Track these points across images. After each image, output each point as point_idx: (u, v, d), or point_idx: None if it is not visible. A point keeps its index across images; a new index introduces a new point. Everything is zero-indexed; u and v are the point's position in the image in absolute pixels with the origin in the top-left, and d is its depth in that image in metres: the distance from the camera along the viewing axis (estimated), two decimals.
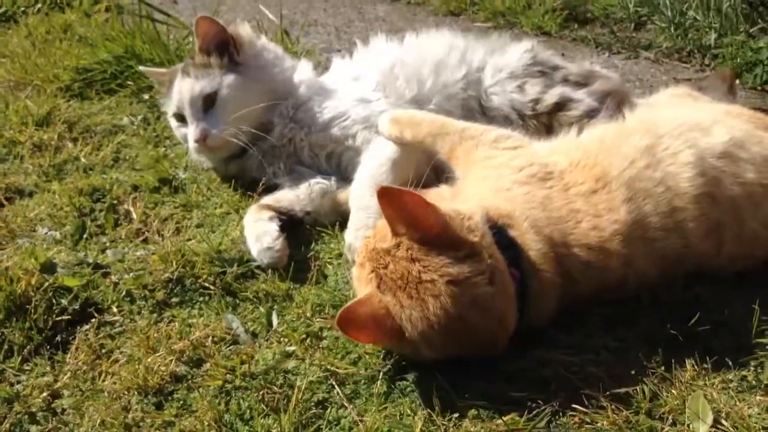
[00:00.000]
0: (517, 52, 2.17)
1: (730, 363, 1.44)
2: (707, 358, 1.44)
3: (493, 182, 1.59)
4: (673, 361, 1.43)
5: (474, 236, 1.38)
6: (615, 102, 2.07)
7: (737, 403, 1.35)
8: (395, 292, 1.34)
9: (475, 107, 2.12)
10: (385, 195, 1.35)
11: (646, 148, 1.60)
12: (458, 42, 2.21)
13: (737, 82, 2.83)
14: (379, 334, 1.38)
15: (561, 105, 2.06)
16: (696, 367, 1.42)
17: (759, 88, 2.86)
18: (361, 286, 1.44)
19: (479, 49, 2.18)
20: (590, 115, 2.04)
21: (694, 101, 2.06)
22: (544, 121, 2.06)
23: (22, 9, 4.20)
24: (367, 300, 1.37)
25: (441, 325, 1.33)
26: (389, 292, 1.35)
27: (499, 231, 1.44)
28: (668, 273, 1.57)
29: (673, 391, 1.37)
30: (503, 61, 2.15)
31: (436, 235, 1.35)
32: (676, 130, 1.64)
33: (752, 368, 1.43)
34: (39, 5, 4.21)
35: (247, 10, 4.08)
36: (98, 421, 1.41)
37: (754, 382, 1.41)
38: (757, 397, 1.37)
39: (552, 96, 2.07)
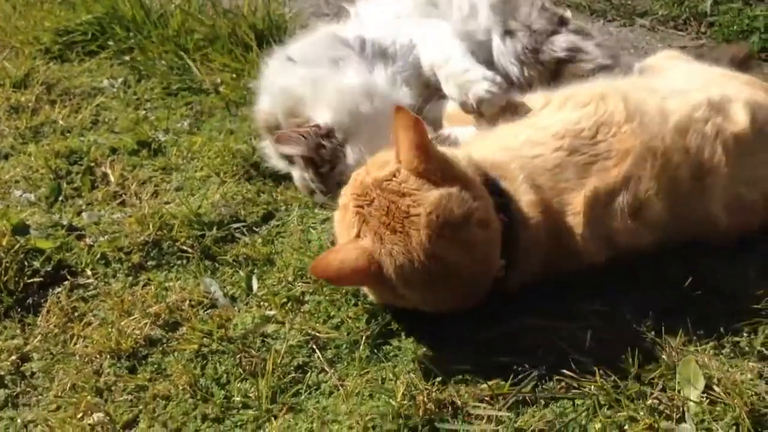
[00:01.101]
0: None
1: (723, 329, 1.40)
2: (700, 324, 1.40)
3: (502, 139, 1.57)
4: (664, 326, 1.38)
5: (467, 175, 1.35)
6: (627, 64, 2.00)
7: (729, 369, 1.31)
8: (378, 228, 1.29)
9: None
10: (401, 115, 1.32)
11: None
12: None
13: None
14: (355, 278, 1.34)
15: (571, 56, 1.98)
16: (688, 332, 1.38)
17: (755, 56, 2.80)
18: (343, 230, 1.39)
19: None
20: (602, 69, 1.95)
21: (688, 63, 2.02)
22: (549, 71, 1.99)
23: None
24: (342, 248, 1.34)
25: (421, 260, 1.27)
26: (371, 231, 1.30)
27: (490, 180, 1.41)
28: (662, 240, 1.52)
29: (664, 356, 1.33)
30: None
31: (433, 169, 1.31)
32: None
33: (745, 334, 1.39)
34: None
35: None
36: (68, 384, 1.37)
37: (747, 348, 1.37)
38: (750, 363, 1.33)
39: (561, 43, 1.99)
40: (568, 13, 2.18)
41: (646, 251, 1.50)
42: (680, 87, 1.68)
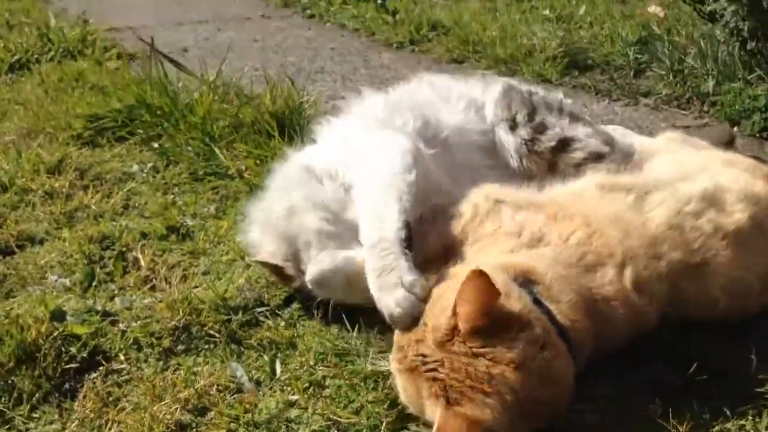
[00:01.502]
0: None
1: (728, 412, 1.45)
2: (705, 407, 1.45)
3: (497, 248, 1.57)
4: (671, 410, 1.44)
5: (515, 304, 1.33)
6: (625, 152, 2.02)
7: None
8: (466, 393, 1.25)
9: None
10: (478, 278, 1.27)
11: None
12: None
13: (735, 129, 2.89)
14: None
15: (563, 145, 1.99)
16: (694, 416, 1.43)
17: (757, 135, 2.89)
18: (416, 396, 1.35)
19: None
20: (595, 158, 1.97)
21: (686, 146, 2.10)
22: (547, 161, 1.99)
23: (35, 57, 4.30)
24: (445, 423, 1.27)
25: (519, 411, 1.26)
26: (461, 397, 1.26)
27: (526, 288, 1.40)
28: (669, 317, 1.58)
29: None
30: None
31: (490, 321, 1.28)
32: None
33: (750, 417, 1.44)
34: (51, 53, 4.32)
35: (255, 58, 4.18)
36: None
37: (752, 431, 1.41)
38: None
39: (553, 133, 2.00)
40: (568, 100, 2.23)
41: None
42: (668, 178, 1.73)
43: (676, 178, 1.74)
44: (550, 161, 2.00)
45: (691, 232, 1.60)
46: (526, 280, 1.42)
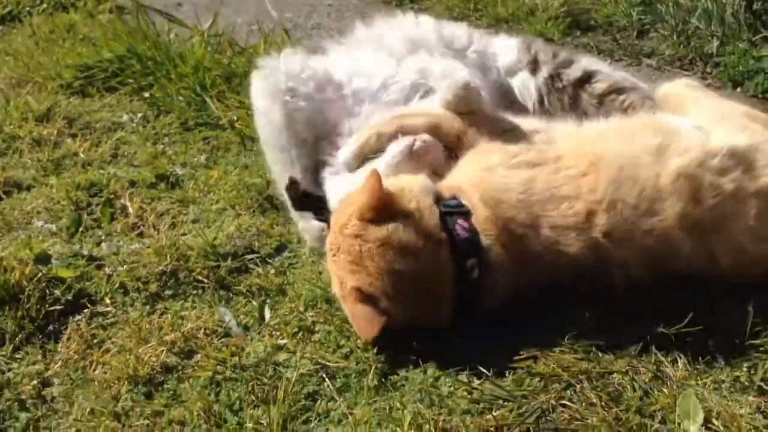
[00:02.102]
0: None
1: (723, 363, 1.43)
2: (700, 359, 1.43)
3: (476, 165, 1.66)
4: (665, 360, 1.43)
5: (409, 203, 1.53)
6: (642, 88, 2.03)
7: (729, 403, 1.34)
8: (348, 268, 1.49)
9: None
10: (369, 179, 1.49)
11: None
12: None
13: (738, 90, 2.85)
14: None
15: (588, 77, 2.02)
16: (688, 366, 1.42)
17: (760, 96, 2.85)
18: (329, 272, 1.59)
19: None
20: (618, 91, 1.98)
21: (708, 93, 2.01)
22: (568, 96, 2.02)
23: (27, 9, 4.20)
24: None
25: (387, 281, 1.45)
26: (345, 273, 1.50)
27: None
28: (657, 272, 1.55)
29: (665, 389, 1.36)
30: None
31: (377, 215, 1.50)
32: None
33: (745, 369, 1.42)
34: (43, 5, 4.21)
35: (251, 12, 4.09)
36: (87, 409, 1.42)
37: (746, 383, 1.40)
38: (750, 398, 1.36)
39: (578, 66, 2.04)
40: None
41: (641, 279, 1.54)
42: (701, 125, 1.67)
43: (707, 126, 1.67)
44: (572, 97, 2.00)
45: (708, 188, 1.54)
46: (452, 196, 1.59)
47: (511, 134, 1.73)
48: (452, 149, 1.77)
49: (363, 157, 1.81)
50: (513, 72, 2.08)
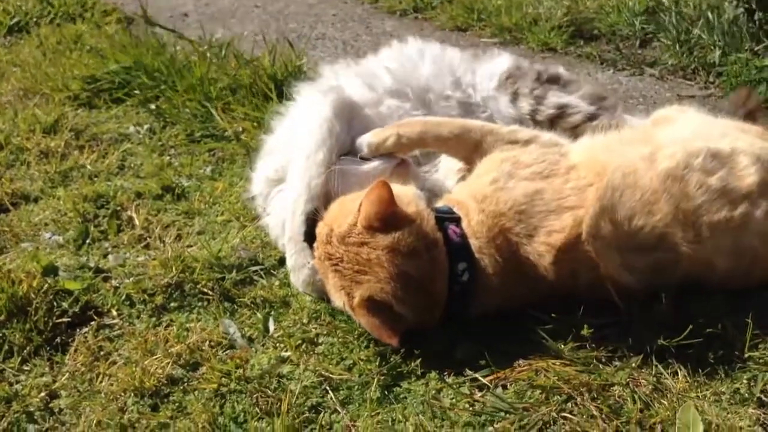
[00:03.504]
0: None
1: (723, 375, 1.44)
2: (700, 370, 1.44)
3: (485, 177, 1.67)
4: (665, 372, 1.44)
5: (409, 207, 1.56)
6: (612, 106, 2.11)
7: (729, 415, 1.35)
8: (355, 278, 1.50)
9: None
10: (381, 188, 1.50)
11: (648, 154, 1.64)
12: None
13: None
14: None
15: (561, 112, 2.09)
16: (688, 378, 1.43)
17: (763, 105, 2.86)
18: (329, 284, 1.58)
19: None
20: (590, 118, 2.07)
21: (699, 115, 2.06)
22: (547, 126, 2.07)
23: (35, 20, 4.25)
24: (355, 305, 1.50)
25: (397, 285, 1.47)
26: (352, 283, 1.50)
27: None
28: (657, 282, 1.57)
29: (665, 401, 1.37)
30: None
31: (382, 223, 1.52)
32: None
33: (745, 381, 1.43)
34: (51, 16, 4.26)
35: (255, 24, 4.13)
36: (94, 421, 1.44)
37: (746, 394, 1.40)
38: (749, 410, 1.37)
39: (551, 102, 2.10)
40: (561, 69, 2.29)
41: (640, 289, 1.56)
42: (685, 136, 1.72)
43: (693, 137, 1.71)
44: (550, 128, 2.05)
45: (697, 187, 1.58)
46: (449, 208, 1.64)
47: (529, 144, 1.75)
48: (468, 162, 1.80)
49: (379, 151, 1.84)
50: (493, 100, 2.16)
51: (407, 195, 1.61)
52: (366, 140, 1.84)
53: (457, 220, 1.58)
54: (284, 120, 2.06)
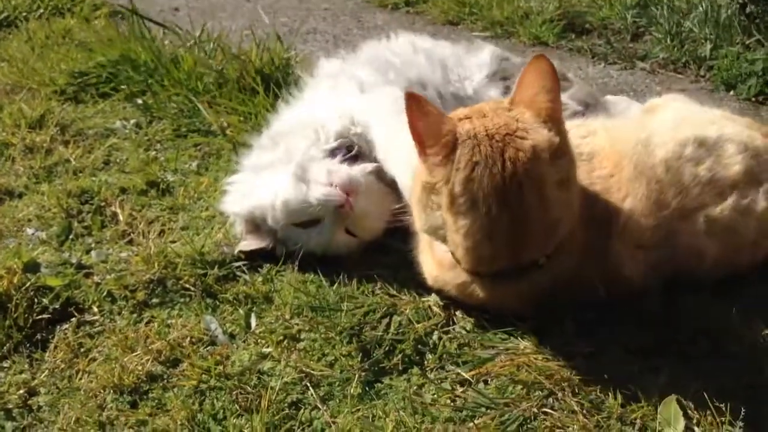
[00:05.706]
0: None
1: (708, 371, 1.43)
2: (683, 365, 1.43)
3: None
4: (648, 367, 1.43)
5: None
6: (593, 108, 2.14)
7: (711, 411, 1.34)
8: (483, 132, 1.37)
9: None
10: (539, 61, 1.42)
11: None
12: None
13: (731, 93, 2.85)
14: (429, 137, 1.38)
15: None
16: (671, 373, 1.42)
17: (753, 99, 2.85)
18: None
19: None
20: (576, 116, 2.06)
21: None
22: None
23: (23, 14, 4.22)
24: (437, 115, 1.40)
25: (504, 181, 1.35)
26: (473, 128, 1.38)
27: None
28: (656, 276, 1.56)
29: (647, 396, 1.36)
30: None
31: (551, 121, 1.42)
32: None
33: (729, 376, 1.42)
34: (40, 10, 4.23)
35: (246, 18, 4.10)
36: (73, 418, 1.42)
37: (730, 390, 1.39)
38: (732, 405, 1.35)
39: None
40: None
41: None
42: (672, 125, 1.70)
43: (680, 124, 1.70)
44: None
45: (691, 177, 1.57)
46: None
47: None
48: None
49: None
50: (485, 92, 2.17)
51: None
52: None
53: None
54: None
